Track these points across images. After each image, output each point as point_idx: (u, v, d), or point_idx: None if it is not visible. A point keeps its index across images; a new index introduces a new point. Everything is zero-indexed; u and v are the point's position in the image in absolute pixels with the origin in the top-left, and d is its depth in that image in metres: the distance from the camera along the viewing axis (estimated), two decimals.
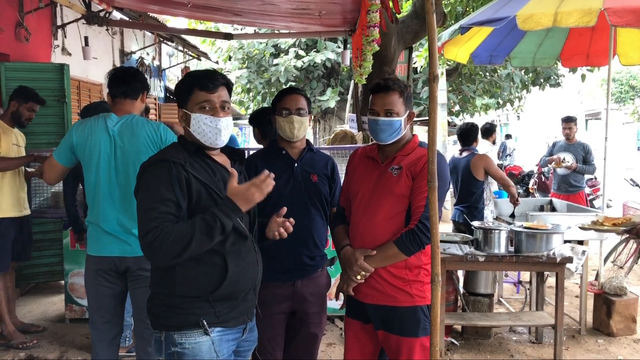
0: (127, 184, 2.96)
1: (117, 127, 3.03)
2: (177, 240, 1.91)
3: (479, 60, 6.77)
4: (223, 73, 2.21)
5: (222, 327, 2.11)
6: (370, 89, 2.63)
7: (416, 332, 2.53)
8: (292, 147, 2.79)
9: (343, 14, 5.52)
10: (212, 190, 2.06)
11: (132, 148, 2.99)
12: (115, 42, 9.32)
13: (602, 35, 6.01)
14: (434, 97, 2.08)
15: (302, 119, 2.72)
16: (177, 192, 1.99)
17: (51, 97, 5.72)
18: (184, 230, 1.92)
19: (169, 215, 1.96)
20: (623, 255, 6.22)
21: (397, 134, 2.55)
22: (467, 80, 13.09)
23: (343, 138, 6.72)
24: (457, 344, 4.60)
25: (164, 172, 2.00)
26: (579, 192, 7.04)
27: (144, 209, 1.98)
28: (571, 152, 7.03)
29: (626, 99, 37.04)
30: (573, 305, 5.49)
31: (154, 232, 1.91)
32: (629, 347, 4.62)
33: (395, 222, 2.53)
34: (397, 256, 2.50)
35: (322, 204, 2.79)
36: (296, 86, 13.17)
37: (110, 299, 3.11)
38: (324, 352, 4.41)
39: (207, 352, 2.06)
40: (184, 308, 2.05)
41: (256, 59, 12.74)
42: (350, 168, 2.79)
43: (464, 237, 4.54)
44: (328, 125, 13.34)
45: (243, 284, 2.14)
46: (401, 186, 2.51)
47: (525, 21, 4.42)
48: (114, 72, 3.21)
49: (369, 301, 2.60)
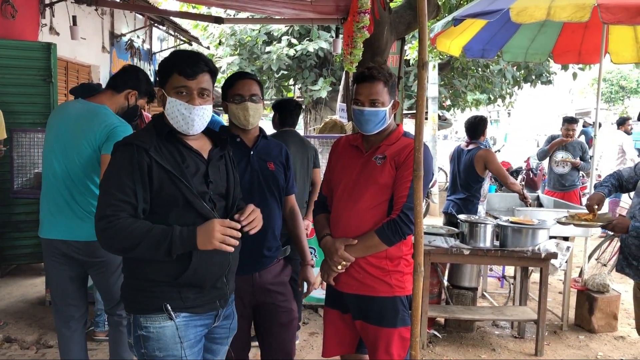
0: (70, 169, 2.93)
1: (77, 112, 3.00)
2: (126, 239, 1.90)
3: (471, 54, 6.75)
4: (209, 58, 2.12)
5: (190, 313, 2.07)
6: (354, 78, 2.58)
7: (394, 323, 2.52)
8: (246, 134, 2.67)
9: (336, 2, 5.47)
10: (174, 177, 1.99)
11: (80, 134, 2.93)
12: (105, 23, 9.17)
13: (594, 32, 6.01)
14: (422, 85, 2.03)
15: (256, 106, 2.60)
16: (137, 178, 1.94)
17: (37, 77, 5.63)
18: (136, 232, 1.90)
19: (125, 205, 1.93)
20: (607, 253, 6.26)
21: (382, 124, 2.53)
22: (459, 74, 13.08)
23: (333, 127, 6.68)
24: (440, 336, 4.60)
25: (126, 157, 1.96)
26: (573, 190, 7.07)
27: (103, 191, 1.97)
28: (569, 150, 7.06)
29: (616, 99, 37.31)
30: (556, 301, 5.51)
31: (108, 220, 1.90)
32: (609, 343, 4.65)
33: (378, 212, 2.51)
34: (378, 246, 2.48)
35: (280, 192, 2.71)
36: (288, 75, 13.08)
37: (67, 281, 3.07)
38: (306, 341, 4.39)
39: (170, 336, 2.03)
40: (150, 292, 2.02)
41: (248, 46, 12.62)
42: (333, 156, 2.75)
43: (449, 230, 4.54)
44: (319, 116, 13.27)
45: (210, 272, 2.08)
46: (385, 176, 2.49)
47: (519, 14, 4.39)
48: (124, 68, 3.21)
49: (348, 290, 2.58)
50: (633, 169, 3.64)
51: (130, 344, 2.09)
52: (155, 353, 2.03)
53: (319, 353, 4.16)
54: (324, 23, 8.91)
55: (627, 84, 36.36)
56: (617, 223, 3.37)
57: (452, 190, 5.46)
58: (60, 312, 3.12)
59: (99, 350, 4.10)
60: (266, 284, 2.66)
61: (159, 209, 1.99)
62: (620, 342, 4.69)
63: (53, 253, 3.01)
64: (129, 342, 2.10)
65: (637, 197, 3.44)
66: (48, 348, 4.17)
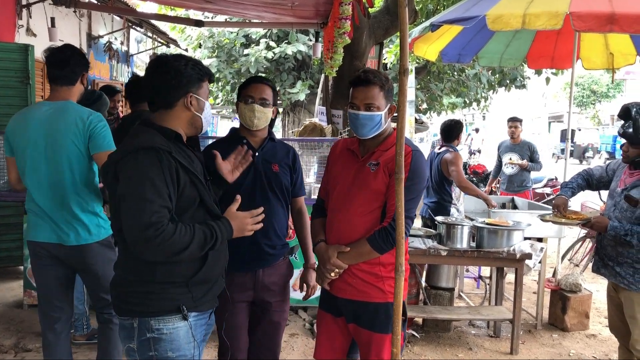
0: (56, 172, 2.91)
1: (47, 114, 2.94)
2: (176, 244, 1.90)
3: (448, 59, 6.88)
4: None
5: (197, 312, 2.12)
6: (350, 81, 2.58)
7: (387, 329, 2.51)
8: (253, 136, 2.75)
9: (316, 6, 5.52)
10: (196, 178, 2.05)
11: (60, 136, 2.90)
12: (82, 25, 9.12)
13: (567, 39, 6.17)
14: (403, 91, 2.08)
15: (264, 110, 2.67)
16: (169, 182, 1.94)
17: (14, 78, 5.58)
18: (184, 236, 1.91)
19: (166, 210, 1.91)
20: (579, 253, 6.42)
21: (377, 129, 2.51)
22: (435, 78, 13.23)
23: (312, 130, 6.72)
24: (418, 336, 4.68)
25: (154, 161, 1.93)
26: (524, 192, 7.20)
27: (138, 199, 1.88)
28: (517, 152, 7.24)
29: (587, 103, 38.05)
30: (530, 301, 5.64)
31: (156, 228, 1.85)
32: (581, 341, 4.78)
33: (371, 218, 2.51)
34: (370, 254, 2.48)
35: (283, 193, 2.78)
36: (266, 77, 13.07)
37: (54, 282, 3.08)
38: (286, 343, 4.43)
39: (184, 336, 2.07)
40: (161, 294, 2.02)
41: (226, 49, 12.59)
42: (331, 160, 2.76)
43: (427, 231, 4.62)
44: (297, 118, 13.30)
45: (218, 268, 2.17)
46: (378, 182, 2.49)
47: (495, 21, 4.50)
48: (48, 55, 3.05)
49: (342, 295, 2.60)
50: (605, 169, 3.72)
51: (131, 349, 2.07)
52: (168, 354, 2.04)
53: (298, 354, 4.24)
54: (304, 27, 8.96)
55: (598, 88, 37.17)
56: (596, 222, 3.43)
57: (427, 194, 5.57)
58: (46, 315, 3.12)
59: (79, 352, 4.09)
60: (268, 282, 2.75)
61: (176, 210, 2.00)
62: (592, 340, 4.83)
63: (41, 255, 3.01)
64: (129, 346, 2.07)
65: (611, 199, 3.52)
66: (27, 352, 4.14)
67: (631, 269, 3.32)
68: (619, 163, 3.61)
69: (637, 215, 3.27)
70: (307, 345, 4.38)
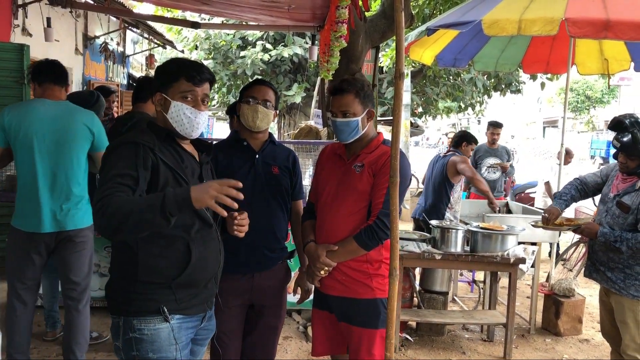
0: (60, 166, 3.21)
1: (55, 112, 3.22)
2: (119, 210, 1.79)
3: (443, 63, 6.90)
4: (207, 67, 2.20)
5: (182, 315, 2.10)
6: (327, 91, 2.71)
7: (376, 324, 2.61)
8: (254, 138, 2.76)
9: (312, 10, 5.52)
10: (179, 175, 2.04)
11: (68, 133, 3.21)
12: (78, 25, 9.09)
13: (562, 44, 6.19)
14: (399, 95, 2.09)
15: (266, 111, 2.69)
16: (140, 170, 1.93)
17: (10, 78, 5.55)
18: (128, 202, 1.82)
19: (123, 187, 1.88)
20: (573, 258, 6.45)
21: (355, 133, 2.62)
22: (431, 82, 13.28)
23: (308, 133, 6.73)
24: (412, 340, 4.68)
25: (130, 152, 1.96)
26: (499, 197, 7.18)
27: (101, 182, 1.92)
28: (496, 155, 7.29)
29: (582, 109, 38.20)
30: (524, 305, 5.65)
31: (103, 200, 1.82)
32: (574, 346, 4.80)
33: (358, 218, 2.60)
34: (357, 251, 2.58)
35: (283, 196, 2.79)
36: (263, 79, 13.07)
37: (37, 267, 3.38)
38: (280, 345, 4.41)
39: (165, 338, 2.05)
40: (144, 294, 2.03)
41: (222, 50, 12.59)
42: (319, 164, 2.86)
43: (422, 235, 4.63)
44: (293, 121, 13.32)
45: (205, 272, 2.14)
46: (363, 183, 2.59)
47: (491, 26, 4.52)
48: (40, 63, 3.42)
49: (332, 293, 2.68)
50: (598, 174, 3.75)
51: (117, 347, 2.08)
52: (149, 355, 2.04)
53: (292, 357, 4.23)
54: (301, 30, 8.97)
55: (593, 94, 37.33)
56: (586, 228, 3.47)
57: (424, 196, 5.59)
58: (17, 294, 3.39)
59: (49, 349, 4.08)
60: (265, 286, 2.75)
61: None
62: (584, 344, 4.84)
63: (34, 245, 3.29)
64: (116, 344, 2.09)
65: (603, 204, 3.54)
66: None
67: (622, 274, 3.34)
68: (612, 168, 3.62)
69: (629, 222, 3.29)
70: (301, 348, 4.38)
